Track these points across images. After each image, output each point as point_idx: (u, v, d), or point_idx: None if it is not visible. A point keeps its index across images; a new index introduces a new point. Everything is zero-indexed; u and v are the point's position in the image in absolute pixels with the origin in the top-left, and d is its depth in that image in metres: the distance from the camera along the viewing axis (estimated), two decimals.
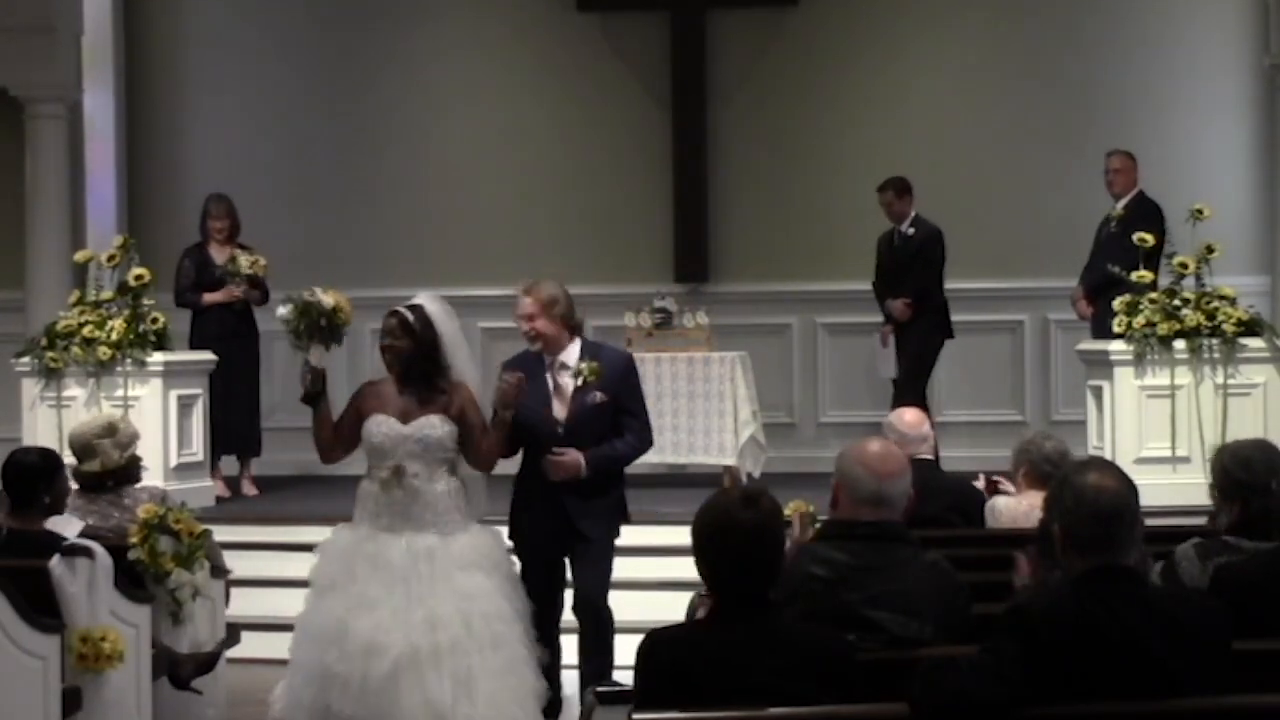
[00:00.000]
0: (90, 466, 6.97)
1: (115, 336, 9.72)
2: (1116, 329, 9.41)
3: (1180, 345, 9.27)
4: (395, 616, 6.25)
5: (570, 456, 6.68)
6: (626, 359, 7.01)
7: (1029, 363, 12.31)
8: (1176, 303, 9.36)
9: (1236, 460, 5.02)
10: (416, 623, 6.23)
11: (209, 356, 10.27)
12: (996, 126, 12.27)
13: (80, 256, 10.39)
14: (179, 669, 6.51)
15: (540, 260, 11.03)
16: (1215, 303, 9.34)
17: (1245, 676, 3.86)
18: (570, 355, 6.79)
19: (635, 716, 3.81)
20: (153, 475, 8.33)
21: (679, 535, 7.99)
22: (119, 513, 6.87)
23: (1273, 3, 11.81)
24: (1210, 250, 9.36)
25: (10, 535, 6.32)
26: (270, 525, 9.47)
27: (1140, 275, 9.48)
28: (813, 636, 4.04)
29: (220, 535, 7.26)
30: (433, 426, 6.44)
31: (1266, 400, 9.30)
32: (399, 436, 6.44)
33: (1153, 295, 9.40)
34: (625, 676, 4.67)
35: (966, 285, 11.61)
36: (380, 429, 6.46)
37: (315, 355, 6.56)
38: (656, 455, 9.91)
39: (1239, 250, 11.08)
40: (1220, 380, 9.28)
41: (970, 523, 6.83)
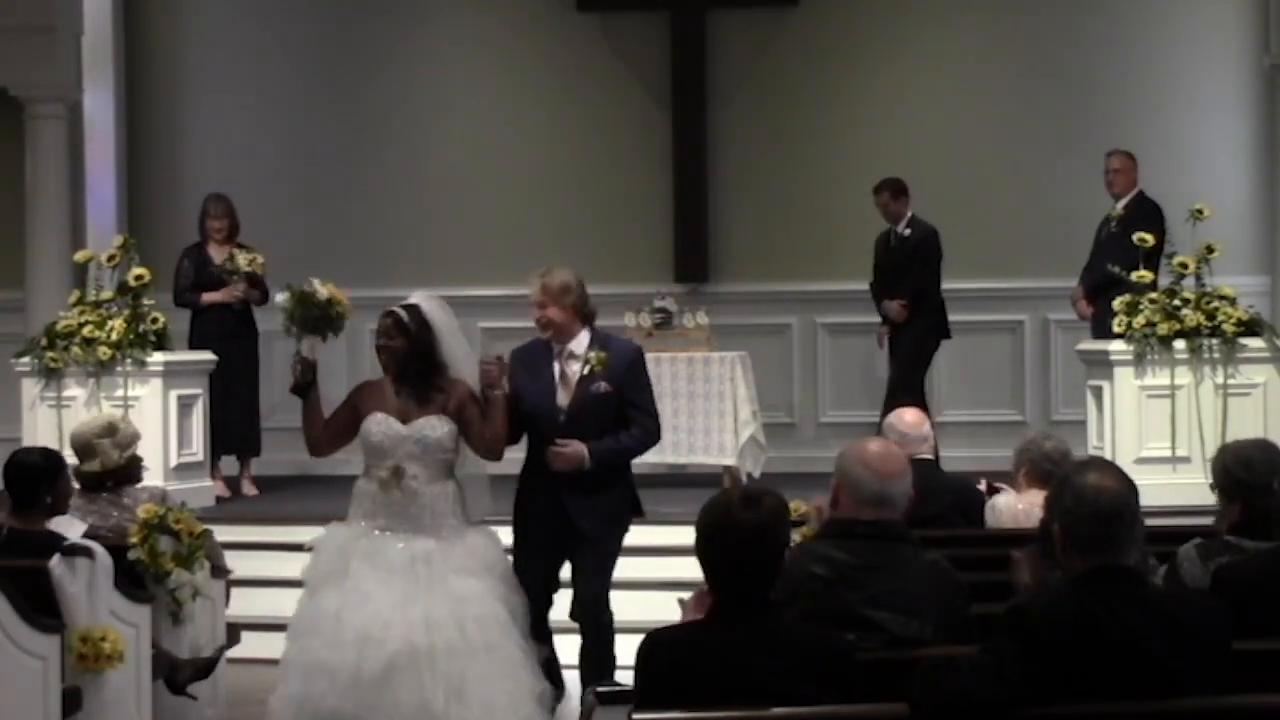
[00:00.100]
0: (90, 466, 6.98)
1: (115, 336, 9.71)
2: (1116, 329, 9.40)
3: (1180, 345, 9.27)
4: (393, 611, 6.20)
5: (573, 448, 6.60)
6: (635, 351, 6.92)
7: (1029, 363, 12.30)
8: (1176, 303, 9.35)
9: (1238, 460, 5.03)
10: (415, 621, 6.18)
11: (209, 356, 10.27)
12: (996, 126, 12.27)
13: (80, 256, 10.38)
14: (176, 674, 6.51)
15: (540, 260, 10.81)
16: (1215, 303, 9.34)
17: (1245, 676, 3.86)
18: (579, 344, 6.73)
19: (635, 716, 3.81)
20: (153, 475, 8.32)
21: (679, 535, 8.05)
22: (119, 512, 6.87)
23: (1273, 2, 11.81)
24: (1210, 250, 9.36)
25: (11, 535, 6.32)
26: (270, 525, 9.45)
27: (1140, 275, 9.48)
28: (813, 636, 4.04)
29: (220, 535, 7.25)
30: (432, 427, 6.43)
31: (1266, 400, 9.30)
32: (398, 437, 6.42)
33: (1153, 295, 9.39)
34: (625, 676, 4.67)
35: (966, 285, 11.62)
36: (379, 428, 6.45)
37: (307, 346, 6.56)
38: (656, 455, 9.88)
39: (1239, 250, 11.07)
40: (1220, 380, 9.27)
41: (971, 522, 6.83)
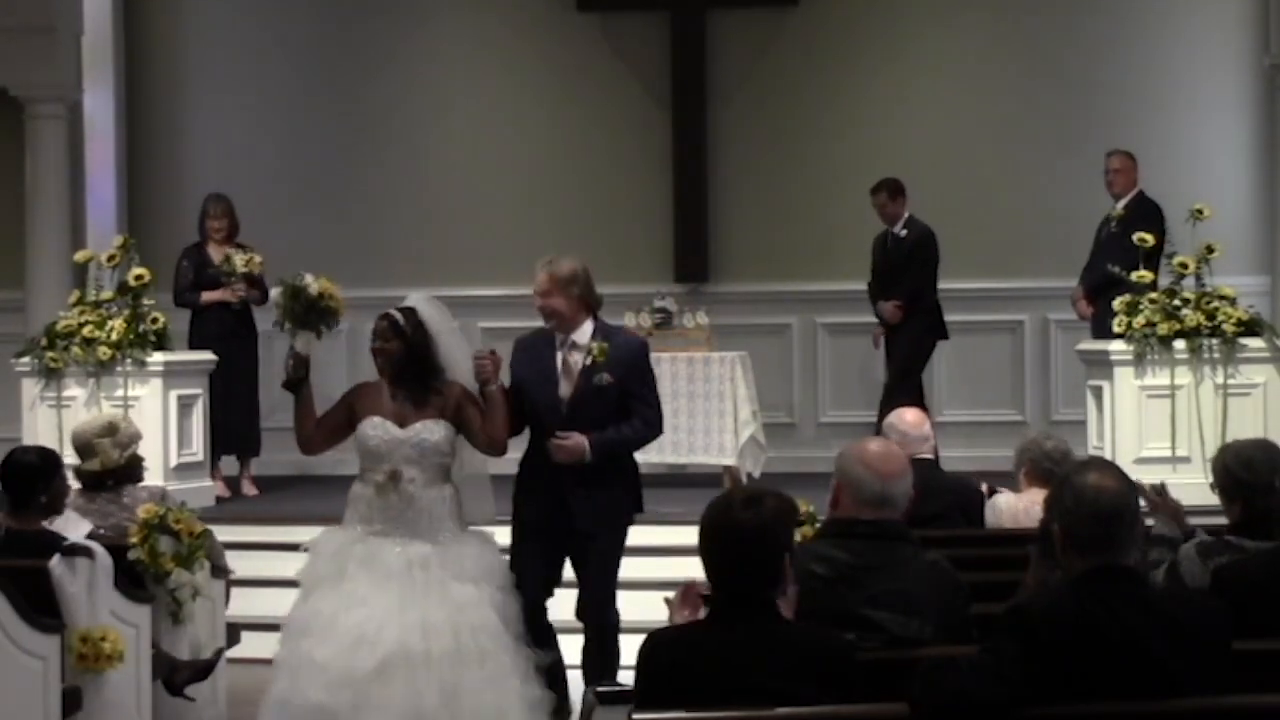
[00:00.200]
0: (90, 465, 6.99)
1: (115, 336, 9.70)
2: (1116, 329, 9.40)
3: (1180, 345, 9.26)
4: (388, 613, 6.16)
5: (574, 440, 6.52)
6: (639, 345, 6.88)
7: (1029, 363, 12.30)
8: (1176, 303, 9.35)
9: (1238, 460, 5.04)
10: (411, 625, 6.14)
11: (209, 356, 10.27)
12: (996, 126, 12.26)
13: (80, 256, 10.38)
14: (175, 675, 6.50)
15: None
16: (1215, 303, 9.33)
17: (1245, 676, 3.86)
18: (583, 335, 6.67)
19: (635, 717, 3.80)
20: (153, 475, 8.32)
21: (679, 535, 8.05)
22: (119, 512, 6.87)
23: (1273, 2, 11.81)
24: (1210, 250, 9.35)
25: (10, 535, 6.32)
26: (270, 525, 9.43)
27: (1140, 275, 9.48)
28: (813, 636, 4.03)
29: (220, 535, 7.24)
30: (430, 431, 6.40)
31: (1266, 400, 9.29)
32: (395, 440, 6.38)
33: (1153, 295, 9.39)
34: (626, 676, 4.66)
35: (966, 285, 11.63)
36: (376, 432, 6.40)
37: (301, 341, 6.53)
38: (656, 455, 9.90)
39: (1239, 250, 11.07)
40: (1220, 380, 9.27)
41: (971, 522, 6.84)
